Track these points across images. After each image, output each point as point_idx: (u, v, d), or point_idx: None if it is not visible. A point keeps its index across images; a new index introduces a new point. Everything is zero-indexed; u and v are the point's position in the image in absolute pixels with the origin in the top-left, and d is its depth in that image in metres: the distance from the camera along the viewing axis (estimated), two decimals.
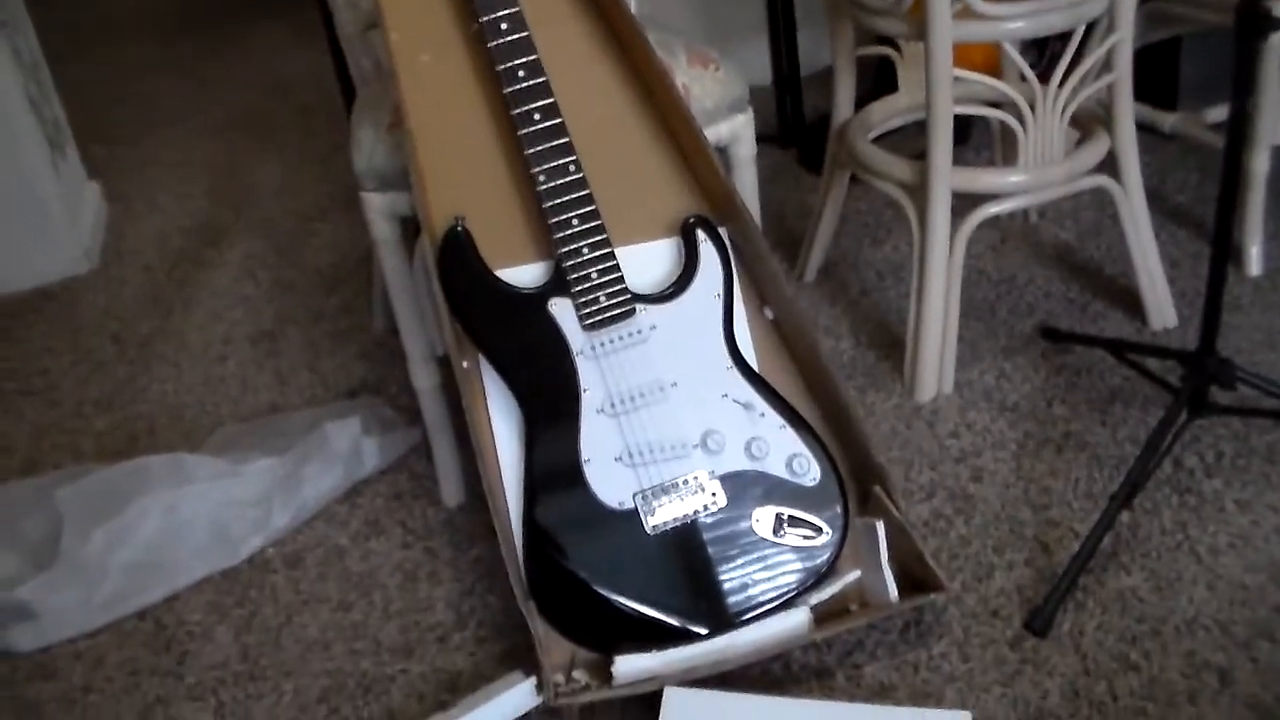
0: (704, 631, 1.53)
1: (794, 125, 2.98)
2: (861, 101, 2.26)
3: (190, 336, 2.57)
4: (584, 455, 1.52)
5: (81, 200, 3.09)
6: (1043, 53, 2.83)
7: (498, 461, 1.56)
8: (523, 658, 1.61)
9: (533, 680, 1.52)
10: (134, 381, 2.43)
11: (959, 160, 1.96)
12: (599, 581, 1.52)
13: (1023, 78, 1.94)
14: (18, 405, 2.42)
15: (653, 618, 1.52)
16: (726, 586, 1.54)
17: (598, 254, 1.53)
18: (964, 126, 2.72)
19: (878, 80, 2.84)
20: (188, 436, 2.22)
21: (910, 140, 2.35)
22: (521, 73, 1.53)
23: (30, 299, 2.84)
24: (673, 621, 1.52)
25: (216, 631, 1.79)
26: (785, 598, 1.55)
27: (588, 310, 1.53)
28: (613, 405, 1.53)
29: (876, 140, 2.19)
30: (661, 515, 1.53)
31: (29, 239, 2.87)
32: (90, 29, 5.05)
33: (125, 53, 4.75)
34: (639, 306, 1.54)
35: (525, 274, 1.57)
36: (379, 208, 1.73)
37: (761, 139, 1.89)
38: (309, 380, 2.34)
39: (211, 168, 3.47)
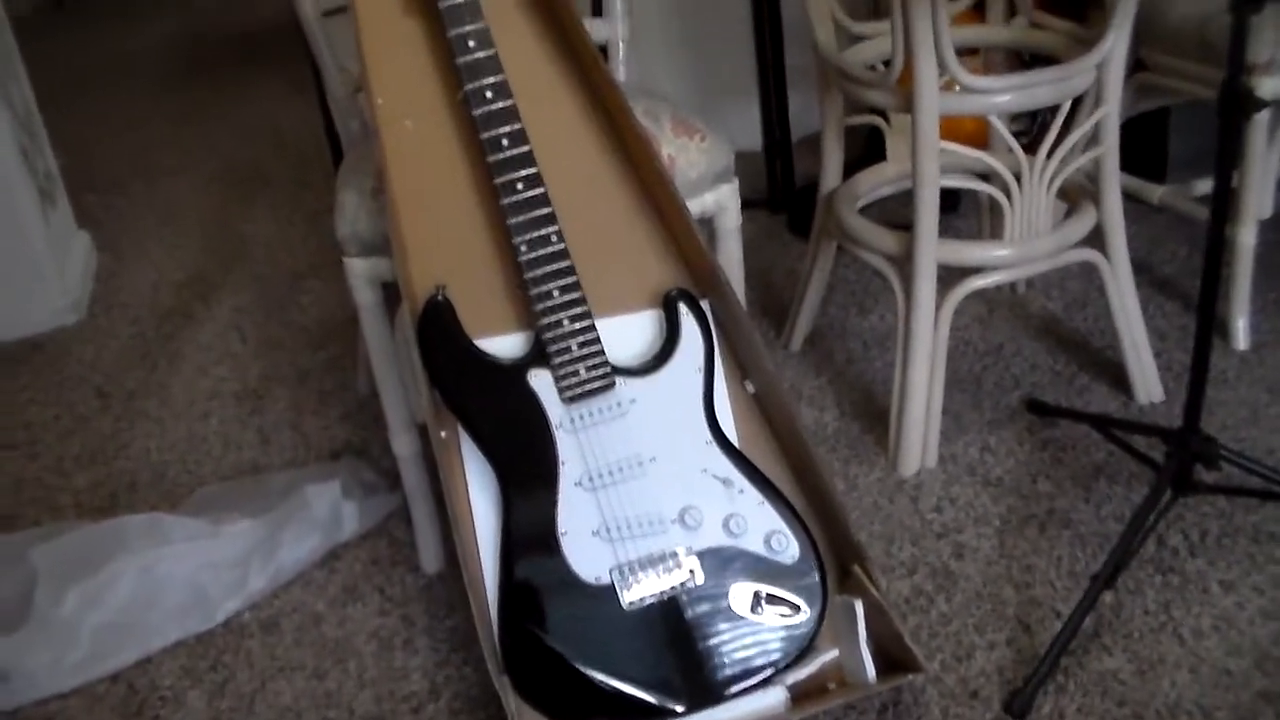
0: (680, 709, 1.50)
1: (784, 190, 2.98)
2: (853, 166, 2.25)
3: (175, 392, 2.56)
4: (561, 528, 1.51)
5: (71, 251, 3.09)
6: (1034, 119, 2.84)
7: (474, 533, 1.54)
8: None
9: None
10: (117, 437, 2.42)
11: (948, 228, 1.95)
12: (575, 657, 1.50)
13: (1010, 150, 1.94)
14: None
15: (629, 694, 1.50)
16: (703, 664, 1.52)
17: (578, 326, 1.52)
18: (953, 194, 2.72)
19: (869, 144, 2.85)
20: (168, 495, 2.21)
21: (899, 206, 2.34)
22: (505, 141, 1.53)
23: (17, 350, 2.83)
24: (649, 698, 1.50)
25: (189, 697, 1.77)
26: (762, 676, 1.53)
27: (567, 383, 1.52)
28: (591, 479, 1.52)
29: (865, 207, 2.19)
30: (638, 591, 1.51)
31: (17, 289, 2.86)
32: (87, 73, 5.07)
33: (122, 98, 4.76)
34: (619, 380, 1.53)
35: (505, 344, 1.56)
36: (361, 273, 1.72)
37: (751, 203, 1.89)
38: (292, 440, 2.33)
39: (204, 219, 3.46)
